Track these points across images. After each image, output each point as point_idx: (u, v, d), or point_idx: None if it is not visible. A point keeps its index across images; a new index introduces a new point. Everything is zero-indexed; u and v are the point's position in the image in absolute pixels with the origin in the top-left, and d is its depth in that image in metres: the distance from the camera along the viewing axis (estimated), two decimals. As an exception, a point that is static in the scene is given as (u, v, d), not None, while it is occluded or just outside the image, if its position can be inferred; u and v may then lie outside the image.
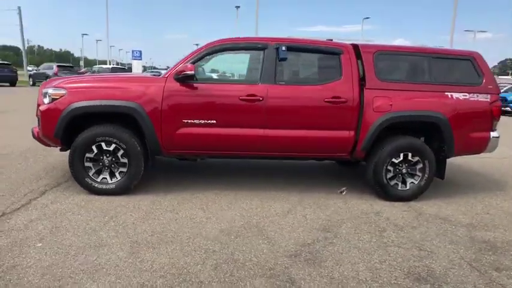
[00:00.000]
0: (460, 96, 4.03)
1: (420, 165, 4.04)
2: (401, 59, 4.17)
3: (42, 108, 3.65)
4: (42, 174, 4.35)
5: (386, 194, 4.05)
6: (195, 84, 3.70)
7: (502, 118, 4.68)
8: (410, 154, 4.00)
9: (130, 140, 3.64)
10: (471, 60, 4.15)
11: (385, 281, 2.46)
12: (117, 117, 3.67)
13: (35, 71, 29.16)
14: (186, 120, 3.69)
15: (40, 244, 2.66)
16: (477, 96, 4.07)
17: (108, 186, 3.71)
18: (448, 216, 3.73)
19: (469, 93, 4.05)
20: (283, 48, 3.78)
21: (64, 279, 2.24)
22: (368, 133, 3.88)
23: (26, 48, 37.55)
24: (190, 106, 3.70)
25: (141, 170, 3.73)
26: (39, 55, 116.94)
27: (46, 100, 3.64)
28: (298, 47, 3.93)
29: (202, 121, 3.71)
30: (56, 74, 21.02)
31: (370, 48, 4.02)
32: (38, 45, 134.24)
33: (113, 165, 3.72)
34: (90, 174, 3.70)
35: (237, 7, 37.57)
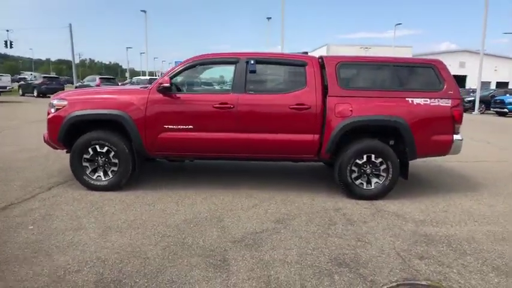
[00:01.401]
0: (420, 101, 4.26)
1: (384, 166, 4.31)
2: (363, 69, 4.48)
3: (48, 116, 4.36)
4: (55, 173, 5.08)
5: (352, 192, 4.35)
6: (174, 95, 4.25)
7: (502, 120, 4.70)
8: (373, 156, 4.28)
9: (120, 143, 4.25)
10: (433, 68, 4.37)
11: (308, 263, 2.82)
12: (109, 124, 4.29)
13: (80, 83, 31.62)
14: (166, 126, 4.24)
15: (31, 227, 3.28)
16: (438, 101, 4.28)
17: (101, 183, 4.33)
18: (406, 213, 3.97)
19: (429, 98, 4.27)
20: (252, 61, 4.24)
21: (40, 251, 2.82)
22: (331, 136, 4.22)
23: (78, 61, 40.91)
24: (170, 113, 4.24)
25: (129, 169, 4.31)
26: (90, 68, 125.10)
27: (52, 110, 4.35)
28: (266, 60, 4.37)
29: (181, 126, 4.25)
30: (98, 86, 22.80)
31: (333, 59, 4.37)
32: (90, 59, 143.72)
33: (106, 165, 4.34)
34: (87, 172, 4.34)
35: (269, 18, 38.43)
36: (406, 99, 4.26)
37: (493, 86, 46.22)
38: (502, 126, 14.50)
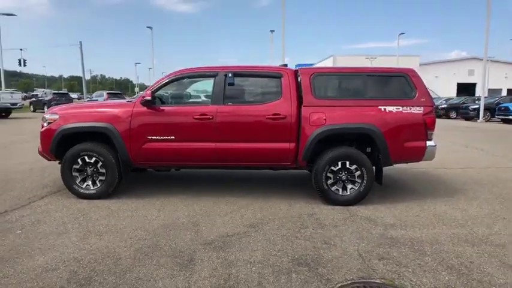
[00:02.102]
0: (392, 109, 4.44)
1: (358, 173, 4.47)
2: (337, 79, 4.70)
3: (41, 130, 4.66)
4: (50, 183, 5.37)
5: (328, 198, 4.51)
6: (157, 107, 4.52)
7: (506, 127, 4.77)
8: (348, 162, 4.45)
9: (107, 154, 4.51)
10: (405, 76, 4.56)
11: (269, 263, 2.99)
12: (97, 135, 4.57)
13: (88, 98, 32.52)
14: (150, 137, 4.50)
15: (19, 231, 3.54)
16: (410, 108, 4.45)
17: (90, 192, 4.59)
18: (378, 217, 4.10)
19: (402, 106, 4.45)
20: (230, 74, 4.50)
21: (23, 253, 3.07)
22: (306, 144, 4.41)
23: (89, 77, 42.35)
24: (153, 125, 4.50)
25: (115, 178, 4.56)
26: (102, 83, 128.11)
27: (45, 124, 4.66)
28: (244, 73, 4.62)
29: (163, 137, 4.50)
30: (106, 100, 23.48)
31: (308, 71, 4.59)
32: (101, 74, 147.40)
33: (94, 175, 4.60)
34: (77, 182, 4.60)
35: (272, 31, 39.07)
36: (379, 107, 4.44)
37: (504, 93, 45.75)
38: (503, 133, 14.42)
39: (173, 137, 4.49)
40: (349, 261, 3.06)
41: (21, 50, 42.04)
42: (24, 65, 39.79)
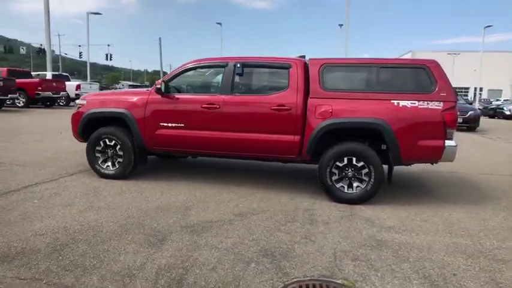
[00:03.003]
0: (407, 103, 4.07)
1: (366, 170, 4.20)
2: (348, 71, 4.44)
3: (72, 113, 5.20)
4: (83, 164, 5.92)
5: (332, 195, 4.31)
6: (170, 95, 4.73)
7: None
8: (354, 159, 4.21)
9: (124, 138, 4.86)
10: (425, 68, 4.14)
11: (235, 251, 2.99)
12: (116, 120, 4.95)
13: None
14: (162, 124, 4.74)
15: (36, 201, 4.01)
16: (427, 104, 4.04)
17: (110, 172, 5.00)
18: (378, 219, 3.83)
19: (418, 100, 4.06)
20: (239, 65, 4.53)
21: (28, 219, 3.48)
22: (310, 137, 4.27)
23: (168, 71, 45.86)
24: (165, 113, 4.73)
25: (131, 161, 4.90)
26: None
27: (76, 108, 5.18)
28: (252, 64, 4.61)
29: (174, 124, 4.70)
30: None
31: (318, 61, 4.41)
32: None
33: (113, 157, 5.00)
34: (99, 162, 5.04)
35: (340, 25, 37.89)
36: (392, 101, 4.11)
37: None
38: None
39: (182, 125, 4.67)
40: (319, 259, 2.92)
41: (108, 45, 46.64)
42: (110, 59, 44.19)
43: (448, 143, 4.05)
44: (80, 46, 47.44)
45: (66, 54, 61.74)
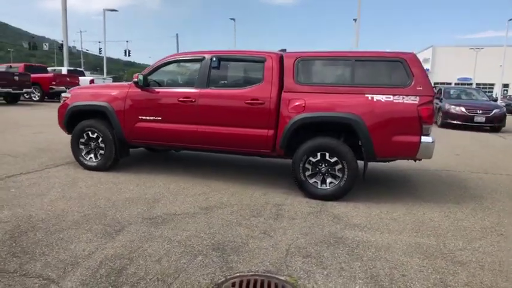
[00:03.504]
0: (381, 98, 3.95)
1: (339, 166, 4.11)
2: (323, 64, 4.35)
3: (59, 106, 5.31)
4: (71, 155, 6.05)
5: (305, 190, 4.25)
6: (149, 89, 4.76)
7: None
8: (327, 154, 4.12)
9: (105, 130, 4.94)
10: (401, 61, 4.00)
11: (186, 244, 2.99)
12: (98, 113, 5.02)
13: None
14: (141, 117, 4.78)
15: (13, 190, 4.13)
16: (403, 98, 3.91)
17: (92, 164, 5.09)
18: (347, 216, 3.74)
19: (393, 95, 3.93)
20: (214, 58, 4.50)
21: (6, 202, 3.60)
22: (283, 132, 4.21)
23: None
24: (143, 106, 4.77)
25: (112, 154, 4.97)
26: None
27: (61, 101, 5.29)
28: (228, 58, 4.57)
29: (152, 118, 4.74)
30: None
31: (293, 55, 4.33)
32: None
33: (96, 149, 5.09)
34: (83, 154, 5.14)
35: (355, 20, 37.14)
36: (366, 95, 4.00)
37: None
38: None
39: (160, 118, 4.70)
40: (270, 254, 2.88)
41: (126, 41, 47.51)
42: (129, 55, 45.09)
43: (424, 139, 3.91)
44: (99, 42, 48.47)
45: (87, 50, 63.26)
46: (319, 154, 4.15)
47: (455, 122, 12.65)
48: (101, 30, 32.09)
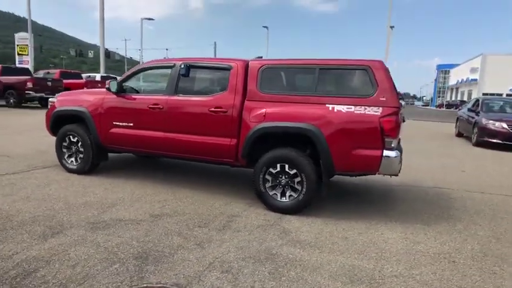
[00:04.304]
0: (342, 108, 3.76)
1: (298, 179, 3.95)
2: (288, 73, 4.22)
3: (46, 111, 5.58)
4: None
5: (265, 202, 4.12)
6: (122, 95, 4.87)
7: None
8: (287, 166, 3.98)
9: (84, 135, 5.11)
10: (367, 69, 3.78)
11: (113, 251, 2.98)
12: (79, 118, 5.21)
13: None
14: (115, 122, 4.90)
15: (-12, 189, 4.38)
16: (364, 109, 3.69)
17: (73, 167, 5.28)
18: (296, 232, 3.57)
19: (354, 105, 3.72)
20: (183, 66, 4.52)
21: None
22: (244, 141, 4.12)
23: None
24: (117, 112, 4.88)
25: (90, 157, 5.13)
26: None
27: (49, 106, 5.55)
28: (196, 65, 4.56)
29: (124, 123, 4.83)
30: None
31: (258, 63, 4.24)
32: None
33: (77, 152, 5.27)
34: (65, 157, 5.35)
35: (392, 27, 35.99)
36: (327, 105, 3.82)
37: None
38: None
39: (132, 124, 4.78)
40: (190, 267, 2.81)
41: (166, 49, 49.28)
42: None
43: (386, 153, 3.66)
44: (139, 50, 50.71)
45: (131, 57, 66.55)
46: (278, 165, 4.01)
47: (494, 140, 10.43)
48: (145, 38, 33.64)
